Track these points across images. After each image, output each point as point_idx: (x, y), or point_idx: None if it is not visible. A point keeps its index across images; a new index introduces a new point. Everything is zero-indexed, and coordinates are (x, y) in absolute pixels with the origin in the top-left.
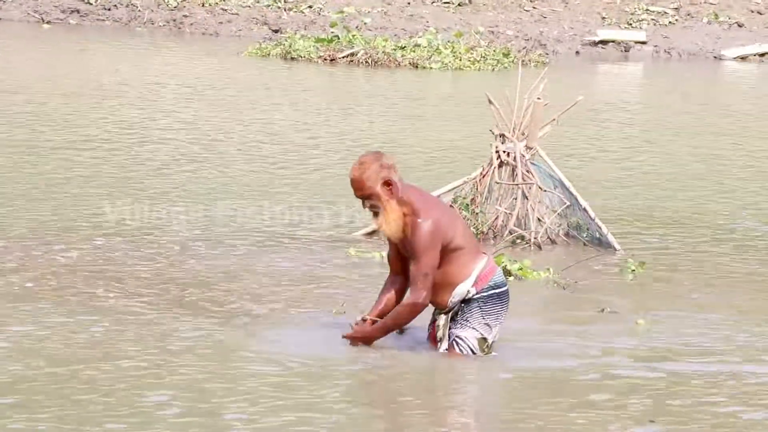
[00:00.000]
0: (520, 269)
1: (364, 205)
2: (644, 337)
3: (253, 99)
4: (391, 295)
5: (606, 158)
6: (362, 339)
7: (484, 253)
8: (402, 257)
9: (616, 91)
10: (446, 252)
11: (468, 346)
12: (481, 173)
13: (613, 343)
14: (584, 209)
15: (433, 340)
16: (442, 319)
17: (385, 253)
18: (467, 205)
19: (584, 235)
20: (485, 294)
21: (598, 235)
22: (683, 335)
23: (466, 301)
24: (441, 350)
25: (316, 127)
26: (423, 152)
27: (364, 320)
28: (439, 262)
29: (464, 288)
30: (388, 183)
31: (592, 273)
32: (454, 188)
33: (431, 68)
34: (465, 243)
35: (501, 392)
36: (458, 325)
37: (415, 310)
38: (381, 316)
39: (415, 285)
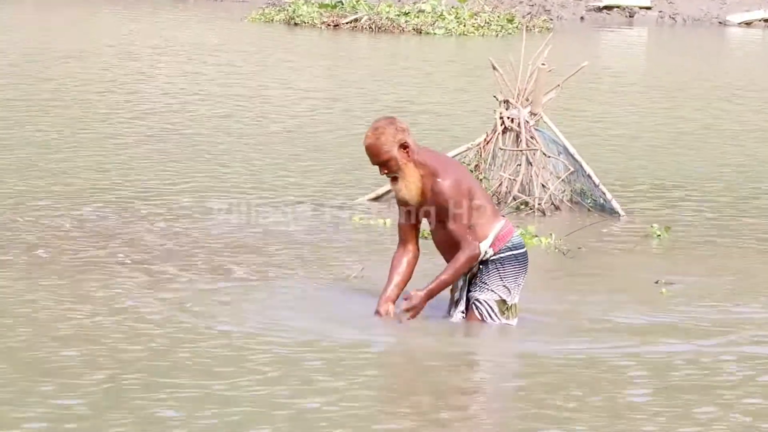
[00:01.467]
0: (522, 235)
1: (381, 172)
2: (667, 308)
3: (260, 65)
4: (403, 269)
5: (610, 124)
6: (420, 304)
7: (502, 215)
8: (415, 224)
9: (620, 56)
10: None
11: (487, 309)
12: (485, 139)
13: (643, 317)
14: (588, 175)
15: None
16: (459, 281)
17: (389, 221)
18: (471, 171)
19: (588, 201)
20: (503, 255)
21: (602, 201)
22: (710, 307)
23: (483, 263)
24: (456, 313)
25: (322, 93)
26: (426, 118)
27: (406, 298)
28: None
29: (482, 249)
30: (404, 146)
31: (599, 239)
32: (458, 154)
33: (435, 34)
34: (483, 203)
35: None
36: (476, 288)
37: (473, 257)
38: (399, 293)
39: (465, 240)
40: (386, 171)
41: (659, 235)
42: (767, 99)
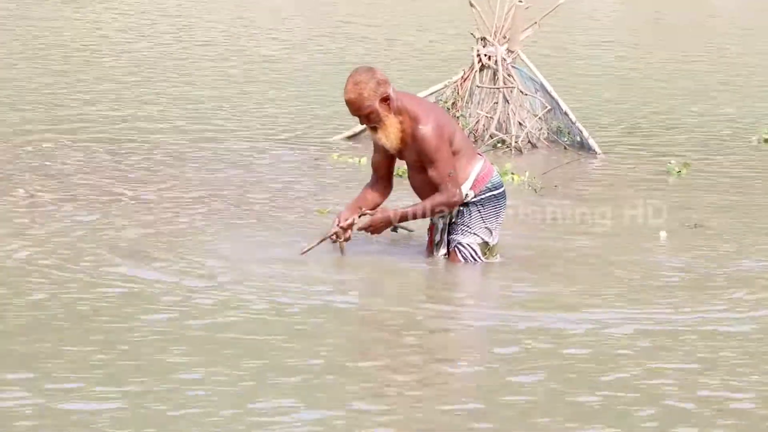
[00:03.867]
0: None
1: (361, 122)
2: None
3: (233, 3)
4: (373, 193)
5: (588, 62)
6: (380, 225)
7: (480, 154)
8: (388, 162)
9: None
10: None
11: (470, 252)
12: (462, 77)
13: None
14: (565, 113)
15: (430, 244)
16: (440, 223)
17: (365, 159)
18: (448, 108)
19: (565, 139)
20: (483, 197)
21: (579, 139)
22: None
23: (464, 205)
24: (439, 256)
25: (298, 31)
26: (404, 55)
27: (363, 213)
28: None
29: (462, 191)
30: (386, 99)
31: (575, 176)
32: (435, 92)
33: None
34: (462, 145)
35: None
36: (458, 231)
37: (451, 204)
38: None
39: (445, 186)
40: (367, 122)
41: (679, 172)
42: (745, 36)
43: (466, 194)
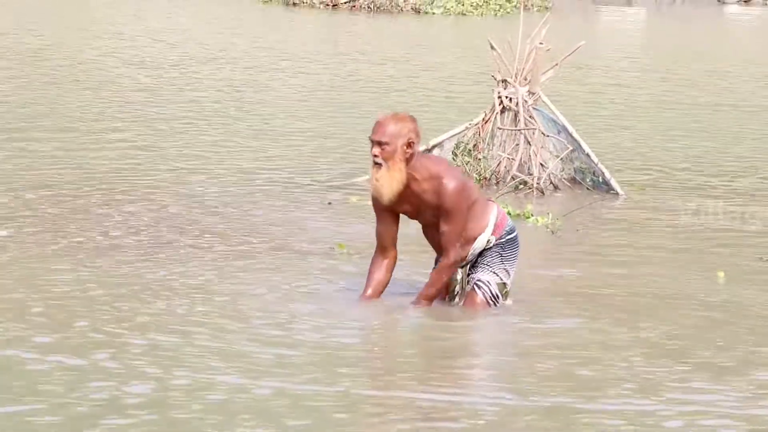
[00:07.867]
0: (519, 215)
1: (372, 151)
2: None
3: (258, 47)
4: (381, 273)
5: (608, 103)
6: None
7: (491, 200)
8: (395, 229)
9: (618, 35)
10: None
11: (490, 290)
12: (483, 119)
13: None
14: (587, 154)
15: (445, 293)
16: (459, 273)
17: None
18: (470, 150)
19: (587, 180)
20: (503, 240)
21: (601, 180)
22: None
23: (485, 249)
24: (454, 303)
25: (320, 72)
26: (426, 98)
27: None
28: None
29: (484, 239)
30: (410, 144)
31: (596, 218)
32: (457, 134)
33: (433, 13)
34: (478, 196)
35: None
36: (478, 270)
37: (457, 265)
38: (377, 295)
39: (453, 245)
40: (378, 154)
41: None
42: (763, 77)
43: (488, 240)
